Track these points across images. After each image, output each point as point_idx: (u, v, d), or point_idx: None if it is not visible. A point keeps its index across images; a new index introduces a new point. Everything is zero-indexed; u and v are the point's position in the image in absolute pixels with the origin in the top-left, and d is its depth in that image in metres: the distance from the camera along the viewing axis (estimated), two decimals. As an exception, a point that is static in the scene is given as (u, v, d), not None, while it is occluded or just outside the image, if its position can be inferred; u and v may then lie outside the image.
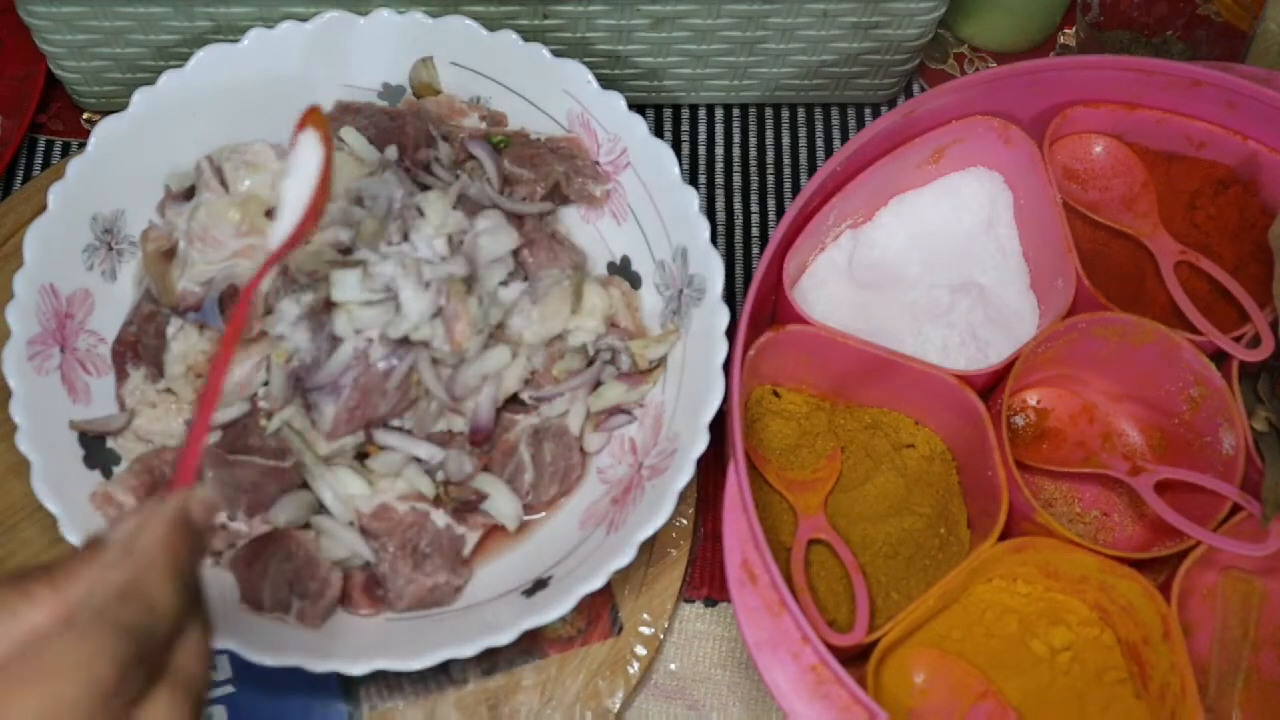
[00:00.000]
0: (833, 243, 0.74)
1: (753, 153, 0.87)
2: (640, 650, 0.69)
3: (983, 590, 0.67)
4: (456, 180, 0.71)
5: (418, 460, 0.67)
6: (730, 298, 0.76)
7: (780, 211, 0.85)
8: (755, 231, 0.84)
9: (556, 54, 0.72)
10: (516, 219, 0.71)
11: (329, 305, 0.64)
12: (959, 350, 0.72)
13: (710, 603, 0.72)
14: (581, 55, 0.75)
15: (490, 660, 0.68)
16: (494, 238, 0.68)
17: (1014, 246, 0.75)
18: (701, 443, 0.63)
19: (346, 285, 0.64)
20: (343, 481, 0.66)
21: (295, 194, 0.57)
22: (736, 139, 0.87)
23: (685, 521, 0.72)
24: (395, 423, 0.67)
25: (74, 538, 0.61)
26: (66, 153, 0.85)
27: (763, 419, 0.72)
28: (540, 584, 0.64)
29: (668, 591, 0.70)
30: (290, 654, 0.60)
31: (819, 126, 0.88)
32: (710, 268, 0.68)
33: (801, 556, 0.67)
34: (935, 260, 0.74)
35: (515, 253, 0.70)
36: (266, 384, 0.66)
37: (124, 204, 0.71)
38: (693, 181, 0.85)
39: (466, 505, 0.67)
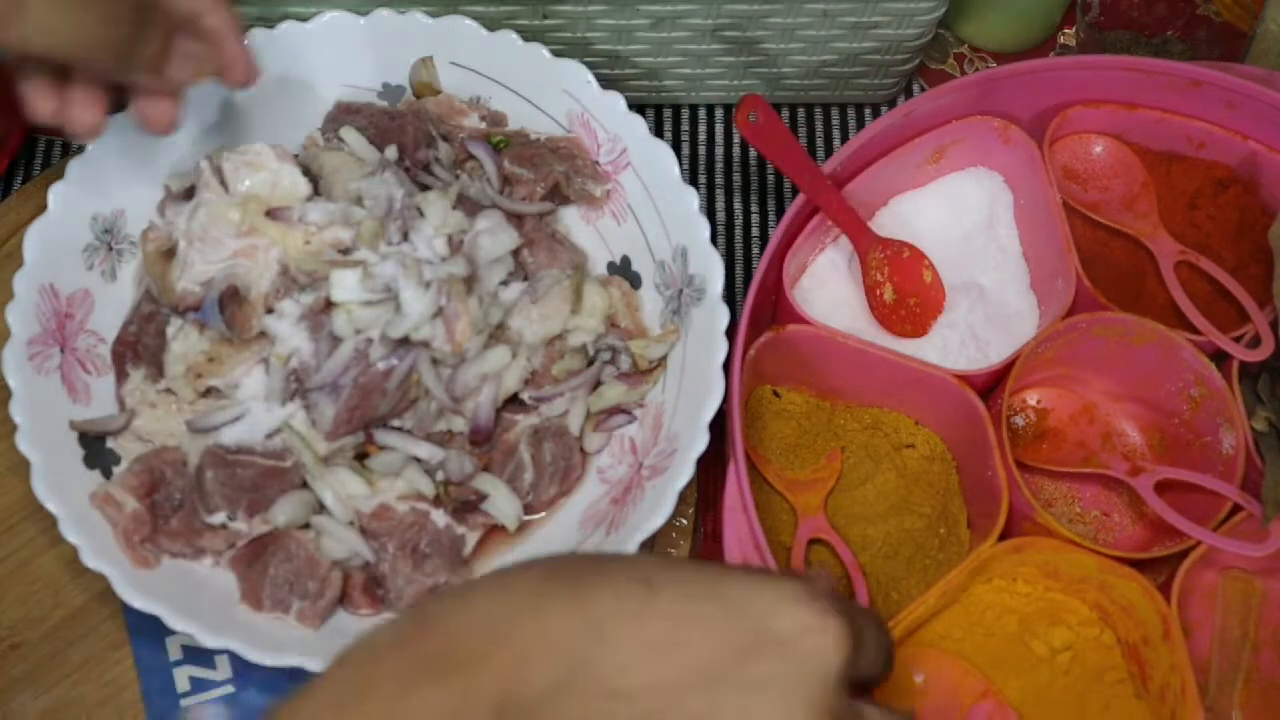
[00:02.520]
0: (833, 243, 0.74)
1: (753, 153, 0.87)
2: (640, 650, 0.69)
3: (983, 590, 0.67)
4: (456, 180, 0.71)
5: (418, 460, 0.67)
6: (730, 298, 0.76)
7: (780, 211, 0.85)
8: (755, 231, 0.84)
9: (556, 54, 0.72)
10: (516, 219, 0.71)
11: (329, 305, 0.64)
12: (959, 350, 0.72)
13: (710, 603, 0.72)
14: (581, 55, 0.75)
15: (490, 660, 0.68)
16: (494, 238, 0.68)
17: (1014, 246, 0.75)
18: (701, 443, 0.63)
19: (346, 285, 0.64)
20: (343, 481, 0.66)
21: None
22: (736, 139, 0.87)
23: (685, 521, 0.72)
24: (395, 423, 0.67)
25: (74, 537, 0.61)
26: (66, 153, 0.84)
27: (763, 419, 0.72)
28: (540, 584, 0.64)
29: (668, 591, 0.70)
30: (290, 654, 0.60)
31: (819, 126, 0.88)
32: (710, 268, 0.68)
33: (801, 556, 0.67)
34: (935, 260, 0.74)
35: (515, 253, 0.70)
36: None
37: (124, 204, 0.70)
38: (693, 181, 0.85)
39: (466, 505, 0.67)
